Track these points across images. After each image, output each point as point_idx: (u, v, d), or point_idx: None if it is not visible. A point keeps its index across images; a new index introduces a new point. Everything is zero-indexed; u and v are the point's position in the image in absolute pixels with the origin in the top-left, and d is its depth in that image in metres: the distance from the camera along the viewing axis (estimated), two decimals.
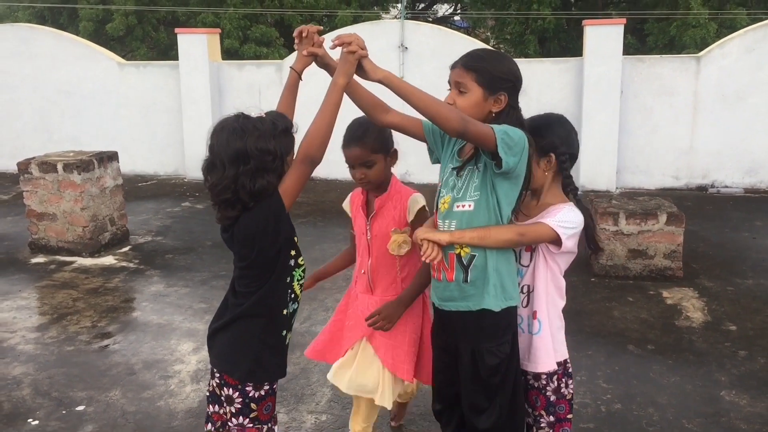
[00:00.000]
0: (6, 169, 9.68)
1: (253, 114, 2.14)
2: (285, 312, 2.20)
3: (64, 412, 3.58)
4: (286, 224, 2.13)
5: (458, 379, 2.46)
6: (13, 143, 9.81)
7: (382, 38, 8.69)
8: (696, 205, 7.80)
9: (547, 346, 2.44)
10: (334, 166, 8.94)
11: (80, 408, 3.62)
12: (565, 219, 2.36)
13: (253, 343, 2.18)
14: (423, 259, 2.34)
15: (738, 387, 3.79)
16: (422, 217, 2.64)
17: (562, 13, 13.01)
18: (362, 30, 9.12)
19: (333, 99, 2.09)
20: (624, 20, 8.34)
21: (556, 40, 13.71)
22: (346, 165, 2.63)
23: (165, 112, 9.45)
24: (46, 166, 6.06)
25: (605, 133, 8.27)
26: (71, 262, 5.98)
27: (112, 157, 6.46)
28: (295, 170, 2.08)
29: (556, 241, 2.36)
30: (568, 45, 13.84)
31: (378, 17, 14.32)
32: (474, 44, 8.85)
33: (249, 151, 2.04)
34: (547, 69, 8.59)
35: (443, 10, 21.91)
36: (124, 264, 5.97)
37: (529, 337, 2.47)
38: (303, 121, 2.18)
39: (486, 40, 19.39)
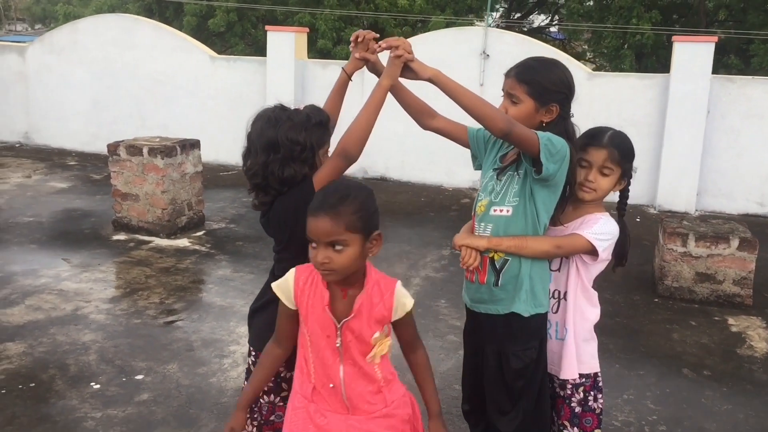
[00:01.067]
0: (102, 150, 10.23)
1: (293, 107, 2.25)
2: None
3: (124, 379, 3.81)
4: None
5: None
6: (110, 127, 10.34)
7: (464, 44, 8.73)
8: None
9: (570, 354, 2.46)
10: (408, 168, 9.07)
11: (139, 377, 3.84)
12: (601, 231, 2.38)
13: None
14: (462, 266, 2.39)
15: None
16: (408, 319, 2.12)
17: (662, 28, 12.65)
18: (446, 36, 9.22)
19: (375, 100, 2.17)
20: (715, 38, 8.08)
21: (654, 56, 13.36)
22: (309, 240, 1.95)
23: (250, 106, 9.72)
24: (133, 149, 6.41)
25: (687, 154, 8.03)
26: (149, 242, 6.30)
27: (195, 145, 6.77)
28: (330, 163, 2.17)
29: (592, 252, 2.37)
30: (668, 62, 13.48)
31: (471, 24, 14.33)
32: (555, 55, 8.77)
33: (280, 141, 2.15)
34: (632, 84, 8.42)
35: (539, 20, 21.69)
36: (196, 247, 6.25)
37: (558, 343, 2.49)
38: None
39: (582, 53, 19.11)
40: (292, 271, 2.07)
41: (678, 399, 3.85)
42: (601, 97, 8.42)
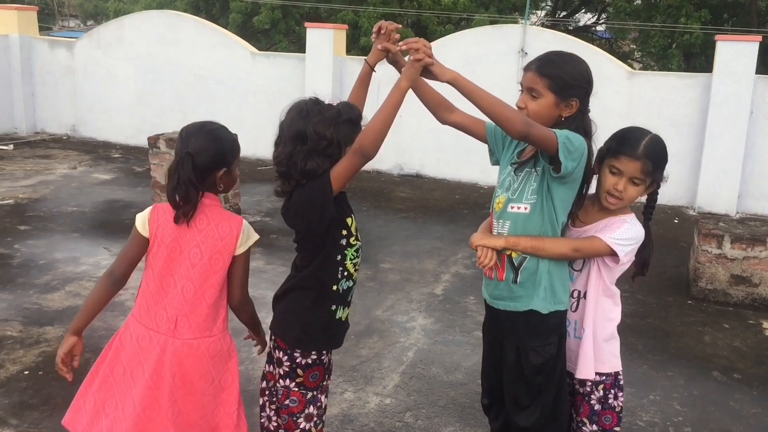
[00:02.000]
0: (145, 144, 10.46)
1: (327, 101, 2.29)
2: (335, 287, 2.34)
3: None
4: (332, 205, 2.24)
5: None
6: (153, 121, 10.58)
7: (502, 42, 8.71)
8: None
9: (586, 354, 2.45)
10: (443, 166, 9.07)
11: None
12: (624, 236, 2.36)
13: (303, 312, 2.34)
14: (478, 265, 2.41)
15: None
16: None
17: (711, 28, 12.40)
18: (484, 33, 9.20)
19: (393, 100, 2.18)
20: (760, 37, 7.90)
21: (703, 56, 13.11)
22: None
23: (289, 102, 9.86)
24: (173, 142, 6.55)
25: (729, 155, 7.88)
26: None
27: None
28: (347, 159, 2.20)
29: (613, 255, 2.37)
30: None
31: (515, 22, 14.25)
32: (594, 53, 8.68)
33: (308, 133, 2.19)
34: (672, 83, 8.29)
35: (585, 19, 21.43)
36: None
37: (576, 341, 2.49)
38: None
39: (629, 53, 18.84)
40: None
41: (705, 401, 3.81)
42: (641, 97, 8.31)
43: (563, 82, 2.31)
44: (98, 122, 11.29)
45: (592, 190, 2.45)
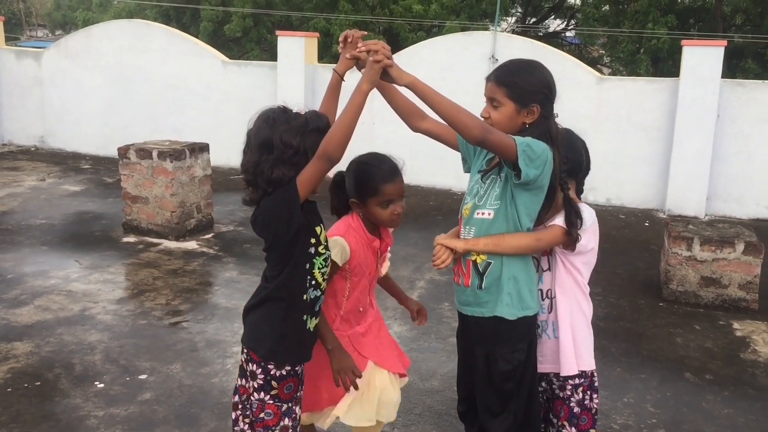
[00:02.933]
0: (115, 154, 10.33)
1: (295, 110, 2.28)
2: (305, 297, 2.33)
3: (127, 378, 3.87)
4: (300, 213, 2.23)
5: None
6: (124, 131, 10.45)
7: (473, 49, 8.76)
8: None
9: (568, 351, 2.48)
10: (417, 172, 9.08)
11: (143, 377, 3.90)
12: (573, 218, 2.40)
13: (275, 324, 2.32)
14: (432, 263, 2.43)
15: None
16: None
17: (678, 33, 12.61)
18: (455, 40, 9.25)
19: (355, 103, 2.18)
20: (725, 42, 8.03)
21: (670, 61, 13.31)
22: (386, 201, 2.50)
23: (257, 110, 9.84)
24: (143, 152, 6.49)
25: (697, 158, 7.99)
26: (158, 244, 6.38)
27: (204, 148, 6.84)
28: (312, 165, 2.20)
29: (571, 240, 2.39)
30: None
31: (486, 29, 14.36)
32: (564, 59, 8.77)
33: (274, 142, 2.19)
34: (640, 88, 8.40)
35: (554, 25, 21.67)
36: (204, 249, 6.31)
37: (554, 342, 2.51)
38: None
39: (599, 58, 19.06)
40: (341, 240, 2.51)
41: (678, 403, 3.85)
42: (610, 102, 8.41)
43: (521, 89, 2.33)
44: (67, 133, 11.14)
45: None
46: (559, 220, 2.40)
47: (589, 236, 2.44)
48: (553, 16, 21.06)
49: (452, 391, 3.66)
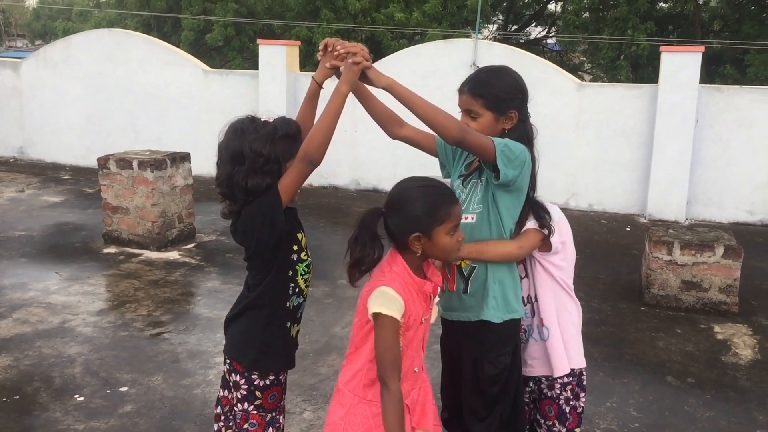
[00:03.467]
0: (96, 164, 10.28)
1: (264, 118, 2.28)
2: (288, 305, 2.33)
3: (108, 391, 3.83)
4: (282, 218, 2.23)
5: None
6: (104, 141, 10.38)
7: (454, 55, 8.79)
8: None
9: (559, 351, 2.49)
10: (400, 179, 9.11)
11: (123, 389, 3.85)
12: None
13: (258, 333, 2.31)
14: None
15: None
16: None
17: (657, 39, 12.74)
18: (436, 48, 9.28)
19: (334, 105, 2.19)
20: (703, 48, 8.12)
21: (650, 67, 13.45)
22: (455, 226, 2.12)
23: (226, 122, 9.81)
24: (123, 162, 6.44)
25: (677, 163, 8.06)
26: (139, 255, 6.33)
27: (185, 158, 6.80)
28: (294, 169, 2.20)
29: (545, 240, 2.41)
30: None
31: (468, 36, 14.44)
32: (545, 66, 8.83)
33: (244, 152, 2.19)
34: (620, 94, 8.47)
35: (536, 32, 21.83)
36: (186, 259, 6.27)
37: (542, 344, 2.51)
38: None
39: (580, 65, 19.21)
40: (387, 289, 2.07)
41: (661, 407, 3.87)
42: (590, 108, 8.47)
43: (497, 98, 2.35)
44: (47, 144, 11.04)
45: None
46: (532, 224, 2.40)
47: (560, 231, 2.45)
48: (534, 24, 21.22)
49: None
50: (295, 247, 2.31)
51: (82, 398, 3.74)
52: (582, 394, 2.62)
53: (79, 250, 6.47)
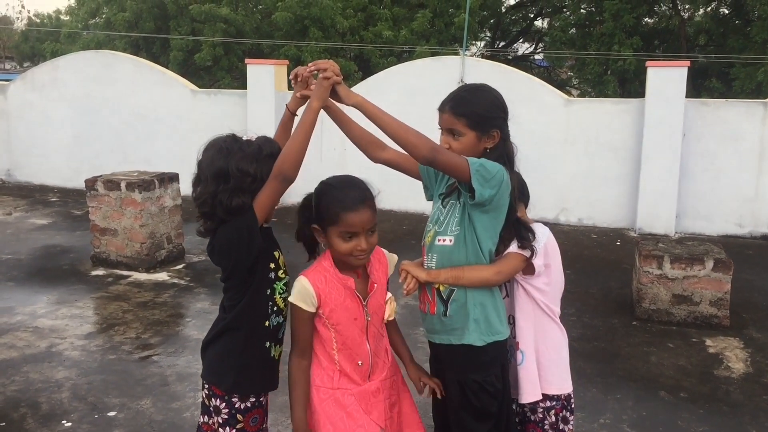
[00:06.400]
0: (84, 186, 10.24)
1: (245, 137, 2.27)
2: (267, 324, 2.30)
3: (96, 416, 3.77)
4: (259, 237, 2.22)
5: None
6: (92, 162, 10.34)
7: (442, 72, 8.83)
8: (758, 254, 7.53)
9: (530, 377, 2.45)
10: (390, 197, 9.08)
11: (112, 413, 3.80)
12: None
13: (236, 355, 2.29)
14: (403, 290, 2.36)
15: None
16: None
17: (643, 54, 12.86)
18: (424, 65, 9.32)
19: (306, 121, 2.19)
20: (688, 63, 8.20)
21: (637, 81, 13.56)
22: (347, 232, 2.16)
23: (205, 140, 9.79)
24: (111, 183, 6.41)
25: (665, 177, 8.10)
26: (127, 276, 6.28)
27: (173, 178, 6.77)
28: (268, 186, 2.19)
29: (529, 264, 2.38)
30: None
31: (456, 53, 14.53)
32: (533, 81, 8.88)
33: (230, 171, 2.18)
34: (607, 109, 8.52)
35: (523, 49, 21.98)
36: (175, 281, 6.22)
37: (515, 367, 2.48)
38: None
39: (567, 80, 19.35)
40: (303, 279, 2.21)
41: (654, 422, 3.84)
42: (578, 123, 8.51)
43: (480, 117, 2.33)
44: (34, 166, 10.99)
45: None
46: (514, 247, 2.37)
47: (546, 254, 2.42)
48: (521, 40, 21.36)
49: (428, 419, 3.60)
50: (272, 266, 2.30)
51: (69, 424, 3.68)
52: (571, 418, 2.58)
53: (67, 272, 6.41)
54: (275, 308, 2.32)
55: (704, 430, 3.77)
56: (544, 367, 2.47)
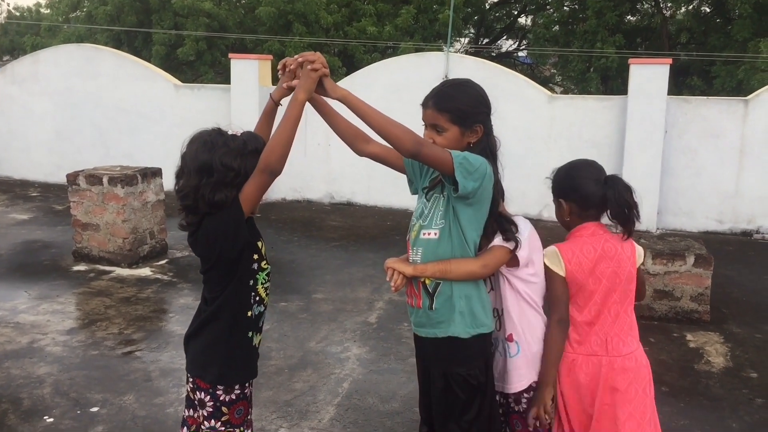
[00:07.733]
0: (65, 181, 10.13)
1: (230, 131, 2.27)
2: (249, 314, 2.32)
3: (78, 412, 3.75)
4: (246, 229, 2.23)
5: None
6: (74, 157, 10.24)
7: (426, 68, 8.83)
8: (738, 250, 7.62)
9: (520, 368, 2.47)
10: (374, 193, 9.09)
11: (94, 409, 3.78)
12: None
13: (221, 346, 2.29)
14: (391, 287, 2.40)
15: None
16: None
17: (626, 51, 12.94)
18: (408, 61, 9.32)
19: (292, 113, 2.19)
20: (670, 60, 8.27)
21: (620, 79, 13.65)
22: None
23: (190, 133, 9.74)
24: (93, 178, 6.36)
25: (647, 173, 8.16)
26: (110, 272, 6.24)
27: (156, 173, 6.73)
28: (254, 179, 2.19)
29: (513, 257, 2.40)
30: None
31: (440, 49, 14.54)
32: (516, 78, 8.91)
33: (214, 165, 2.17)
34: (590, 106, 8.58)
35: (507, 46, 22.04)
36: (158, 276, 6.19)
37: (505, 359, 2.50)
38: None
39: (551, 77, 19.44)
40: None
41: None
42: (562, 120, 8.56)
43: (463, 112, 2.34)
44: (15, 160, 10.88)
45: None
46: (498, 240, 2.39)
47: (530, 246, 2.44)
48: (505, 37, 21.42)
49: (413, 413, 3.64)
50: (256, 256, 2.31)
51: (51, 419, 3.66)
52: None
53: (48, 267, 6.35)
54: (257, 298, 2.33)
55: (685, 424, 3.81)
56: (528, 358, 2.50)
